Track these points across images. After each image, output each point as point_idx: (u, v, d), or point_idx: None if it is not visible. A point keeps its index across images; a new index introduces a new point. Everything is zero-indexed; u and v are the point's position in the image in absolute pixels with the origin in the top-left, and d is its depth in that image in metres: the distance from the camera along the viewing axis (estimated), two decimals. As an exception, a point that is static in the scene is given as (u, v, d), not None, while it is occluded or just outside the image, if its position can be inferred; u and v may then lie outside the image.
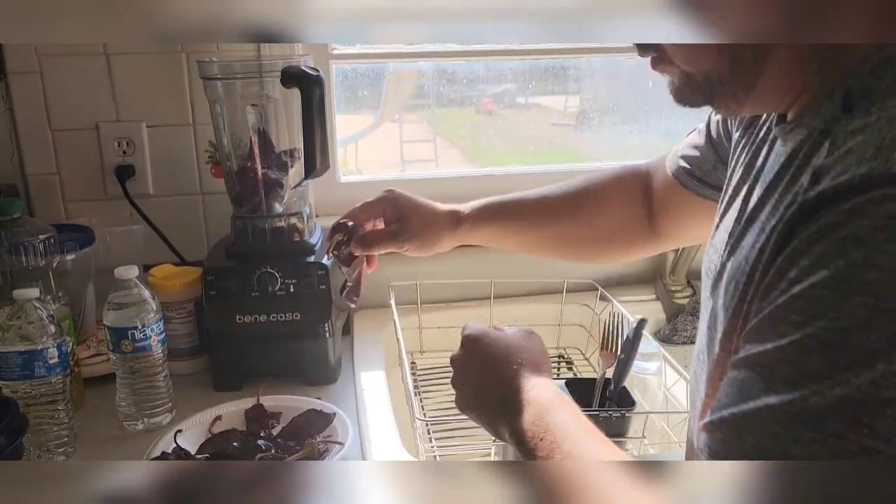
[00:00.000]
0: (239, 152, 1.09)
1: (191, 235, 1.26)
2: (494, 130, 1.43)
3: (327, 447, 0.87)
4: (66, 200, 1.22)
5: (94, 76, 1.18)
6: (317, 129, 1.02)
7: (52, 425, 0.90)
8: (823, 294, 0.41)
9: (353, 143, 1.41)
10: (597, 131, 1.45)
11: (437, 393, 1.17)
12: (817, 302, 0.41)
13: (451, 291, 1.30)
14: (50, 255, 1.02)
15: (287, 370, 1.07)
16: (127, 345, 0.94)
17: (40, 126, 1.18)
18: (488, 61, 1.38)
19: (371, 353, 1.15)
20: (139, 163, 1.22)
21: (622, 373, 0.88)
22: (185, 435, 0.90)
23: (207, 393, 1.05)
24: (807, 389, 0.40)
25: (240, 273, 1.04)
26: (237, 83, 1.07)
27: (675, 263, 1.34)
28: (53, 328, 0.89)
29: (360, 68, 1.33)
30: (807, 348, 0.41)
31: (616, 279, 1.40)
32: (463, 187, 1.38)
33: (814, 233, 0.43)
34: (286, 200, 1.10)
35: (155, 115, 1.21)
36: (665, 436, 0.96)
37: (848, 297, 0.39)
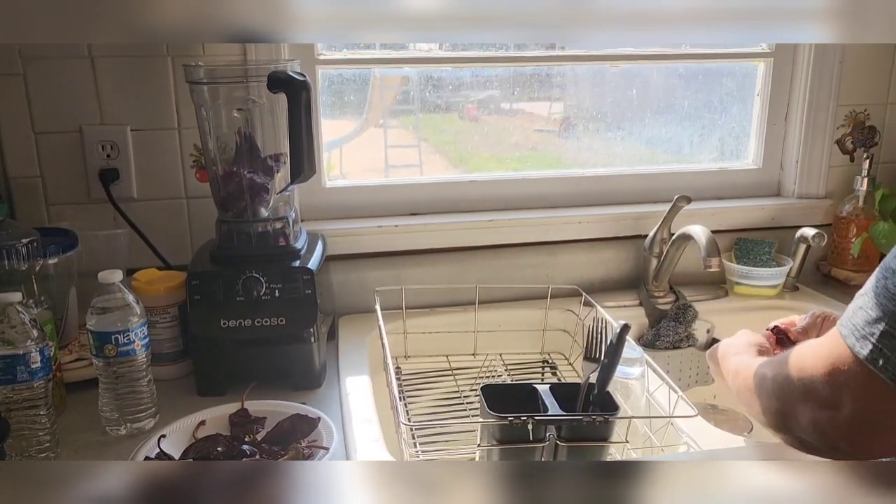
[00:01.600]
0: (224, 157, 1.09)
1: (176, 240, 1.25)
2: (478, 136, 1.44)
3: (312, 452, 0.87)
4: (50, 204, 1.21)
5: (79, 79, 1.17)
6: (303, 133, 1.02)
7: (34, 430, 0.89)
8: None
9: (337, 149, 1.41)
10: (580, 138, 1.47)
11: (421, 398, 1.17)
12: None
13: (436, 296, 1.30)
14: (32, 258, 1.01)
15: (272, 375, 1.07)
16: (110, 349, 0.93)
17: (23, 129, 1.17)
18: (474, 68, 1.39)
19: (356, 358, 1.15)
20: (123, 166, 1.21)
21: (605, 378, 0.88)
22: (169, 440, 0.89)
23: (192, 398, 1.05)
24: None
25: (224, 278, 1.04)
26: (223, 87, 1.07)
27: (658, 269, 1.36)
28: (36, 332, 0.88)
29: (346, 73, 1.33)
30: None
31: (599, 285, 1.41)
32: (447, 193, 1.39)
33: None
34: (272, 205, 1.10)
35: (139, 118, 1.21)
36: (648, 440, 0.97)
37: None
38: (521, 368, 1.26)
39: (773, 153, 1.52)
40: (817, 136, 1.47)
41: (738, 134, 1.53)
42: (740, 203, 1.48)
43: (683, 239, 1.28)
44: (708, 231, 1.20)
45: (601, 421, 0.84)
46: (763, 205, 1.48)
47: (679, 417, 0.93)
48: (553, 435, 0.84)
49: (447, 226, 1.34)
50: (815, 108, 1.45)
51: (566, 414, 0.85)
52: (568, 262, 1.40)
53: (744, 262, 1.42)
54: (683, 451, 0.92)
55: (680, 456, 0.91)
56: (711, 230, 1.21)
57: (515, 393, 0.90)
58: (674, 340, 1.31)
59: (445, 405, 1.15)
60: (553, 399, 0.88)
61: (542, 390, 0.89)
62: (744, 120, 1.52)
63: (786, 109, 1.49)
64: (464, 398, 1.16)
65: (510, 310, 1.31)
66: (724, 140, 1.53)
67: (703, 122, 1.51)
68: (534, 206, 1.41)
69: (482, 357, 1.25)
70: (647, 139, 1.50)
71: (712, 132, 1.53)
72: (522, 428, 0.82)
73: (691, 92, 1.50)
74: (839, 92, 1.45)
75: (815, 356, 0.69)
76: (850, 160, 1.51)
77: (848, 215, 1.47)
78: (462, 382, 1.20)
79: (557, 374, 1.26)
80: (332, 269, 1.28)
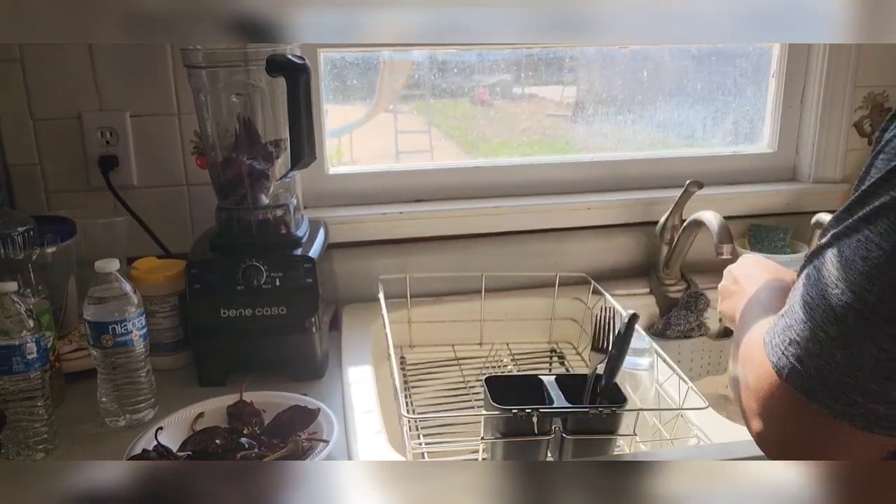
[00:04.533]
0: (224, 143, 1.07)
1: (176, 227, 1.23)
2: (489, 121, 1.41)
3: (311, 444, 0.85)
4: (49, 192, 1.19)
5: (77, 65, 1.15)
6: (303, 118, 1.00)
7: (31, 422, 0.88)
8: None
9: (347, 134, 1.39)
10: (590, 122, 1.43)
11: (426, 389, 1.15)
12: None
13: (442, 285, 1.28)
14: (29, 247, 0.99)
15: (273, 365, 1.05)
16: (107, 339, 0.91)
17: (21, 115, 1.16)
18: (481, 51, 1.36)
19: (360, 348, 1.13)
20: (123, 153, 1.19)
21: (614, 368, 0.86)
22: (168, 432, 0.88)
23: (192, 388, 1.03)
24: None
25: (224, 266, 1.02)
26: (222, 72, 1.04)
27: (669, 257, 1.32)
28: (32, 322, 0.87)
29: (349, 57, 1.30)
30: None
31: (609, 273, 1.38)
32: (452, 179, 1.37)
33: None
34: (272, 192, 1.08)
35: (139, 104, 1.19)
36: (657, 433, 0.94)
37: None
38: (529, 358, 1.24)
39: (789, 136, 1.47)
40: (834, 118, 1.43)
41: (753, 117, 1.49)
42: (754, 188, 1.45)
43: (695, 225, 1.24)
44: (720, 217, 1.17)
45: (608, 413, 0.82)
46: (778, 190, 1.44)
47: (689, 409, 0.91)
48: (559, 428, 0.82)
49: (452, 213, 1.32)
50: (831, 90, 1.41)
51: (572, 406, 0.83)
52: (577, 249, 1.37)
53: (758, 248, 1.38)
54: (694, 443, 0.89)
55: (690, 450, 0.88)
56: (724, 216, 1.18)
57: (520, 384, 0.88)
58: (685, 329, 1.28)
59: (451, 396, 1.13)
60: (559, 391, 0.85)
61: (547, 382, 0.87)
62: (758, 102, 1.48)
63: (802, 91, 1.45)
64: (469, 389, 1.13)
65: (517, 298, 1.29)
66: (737, 123, 1.49)
67: (717, 105, 1.47)
68: (542, 192, 1.38)
69: (488, 347, 1.23)
70: (658, 123, 1.46)
71: (726, 115, 1.49)
72: (527, 420, 0.80)
73: (704, 74, 1.45)
74: (857, 73, 1.41)
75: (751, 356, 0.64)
76: (869, 143, 1.47)
77: (866, 200, 1.43)
78: (468, 373, 1.18)
79: (566, 364, 1.24)
80: (335, 257, 1.26)
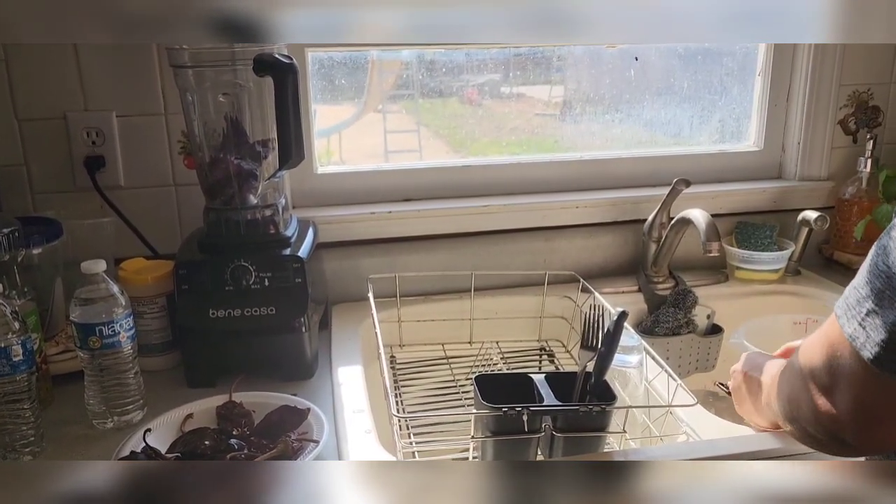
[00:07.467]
0: (211, 142, 1.06)
1: (164, 228, 1.23)
2: (478, 121, 1.41)
3: (301, 445, 0.85)
4: (35, 192, 1.18)
5: (62, 64, 1.14)
6: (291, 118, 1.00)
7: (17, 424, 0.87)
8: None
9: (336, 135, 1.39)
10: (578, 121, 1.44)
11: (416, 387, 1.15)
12: None
13: (431, 284, 1.28)
14: (14, 248, 0.99)
15: (262, 366, 1.04)
16: (95, 341, 0.91)
17: (6, 116, 1.15)
18: (469, 50, 1.36)
19: (349, 348, 1.13)
20: (109, 153, 1.19)
21: (603, 366, 0.86)
22: (156, 433, 0.87)
23: (181, 389, 1.03)
24: None
25: (213, 267, 1.02)
26: (208, 71, 1.04)
27: (657, 254, 1.33)
28: (17, 324, 0.86)
29: (336, 56, 1.30)
30: None
31: (597, 271, 1.39)
32: (441, 178, 1.37)
33: None
34: (260, 192, 1.07)
35: (125, 104, 1.18)
36: (646, 430, 0.95)
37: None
38: (518, 356, 1.24)
39: (775, 135, 1.49)
40: (819, 116, 1.44)
41: (739, 115, 1.50)
42: (741, 186, 1.46)
43: (683, 223, 1.25)
44: (708, 215, 1.18)
45: (598, 410, 0.82)
46: (764, 187, 1.45)
47: (678, 406, 0.91)
48: (549, 426, 0.82)
49: (441, 212, 1.32)
50: (817, 89, 1.42)
51: (562, 404, 0.83)
52: (565, 247, 1.37)
53: (745, 246, 1.39)
54: (683, 440, 0.90)
55: (679, 447, 0.89)
56: (712, 214, 1.18)
57: (510, 383, 0.88)
58: (673, 326, 1.29)
59: (440, 394, 1.13)
60: (549, 389, 0.86)
61: (537, 380, 0.87)
62: (744, 101, 1.49)
63: (787, 90, 1.46)
64: (459, 387, 1.14)
65: (506, 297, 1.29)
66: (724, 122, 1.50)
67: (703, 104, 1.48)
68: (530, 191, 1.39)
69: (478, 345, 1.23)
70: (645, 121, 1.47)
71: (712, 114, 1.50)
72: (517, 419, 0.80)
73: (691, 73, 1.46)
74: (842, 71, 1.42)
75: (817, 337, 0.67)
76: (854, 141, 1.48)
77: (851, 198, 1.44)
78: (458, 371, 1.18)
79: (555, 362, 1.24)
80: (324, 256, 1.26)
